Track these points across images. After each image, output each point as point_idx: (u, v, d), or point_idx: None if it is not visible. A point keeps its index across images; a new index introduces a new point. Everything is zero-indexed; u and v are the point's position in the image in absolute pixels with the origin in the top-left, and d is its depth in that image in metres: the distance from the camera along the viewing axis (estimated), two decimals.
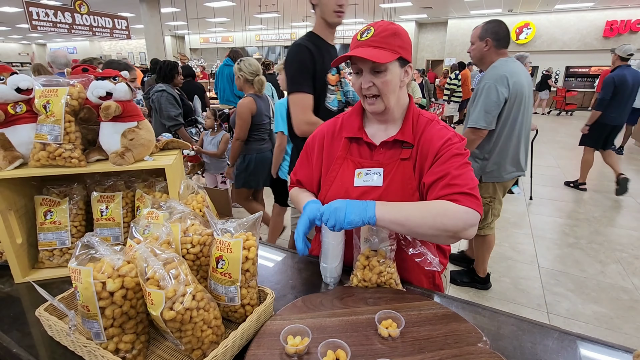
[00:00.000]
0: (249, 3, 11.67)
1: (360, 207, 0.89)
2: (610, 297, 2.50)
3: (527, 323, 0.87)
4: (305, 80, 1.61)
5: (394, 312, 0.82)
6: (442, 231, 0.89)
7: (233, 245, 0.79)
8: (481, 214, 0.93)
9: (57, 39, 21.37)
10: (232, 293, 0.81)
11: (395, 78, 0.99)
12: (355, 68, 1.01)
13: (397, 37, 0.97)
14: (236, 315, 0.84)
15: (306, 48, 1.61)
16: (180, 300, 0.67)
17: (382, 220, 0.89)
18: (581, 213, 3.97)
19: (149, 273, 0.66)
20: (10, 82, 0.97)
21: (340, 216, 0.88)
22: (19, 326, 0.88)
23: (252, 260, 0.82)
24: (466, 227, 0.90)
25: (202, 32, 19.39)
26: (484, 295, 2.54)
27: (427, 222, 0.89)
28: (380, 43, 0.95)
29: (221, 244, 0.80)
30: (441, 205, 0.91)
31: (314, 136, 1.20)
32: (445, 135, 1.01)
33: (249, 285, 0.83)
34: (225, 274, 0.80)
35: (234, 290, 0.80)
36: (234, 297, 0.81)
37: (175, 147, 1.23)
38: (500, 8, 12.77)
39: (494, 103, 2.07)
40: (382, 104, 1.01)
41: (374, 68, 0.97)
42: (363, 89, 1.00)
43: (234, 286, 0.80)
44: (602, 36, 12.51)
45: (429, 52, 16.22)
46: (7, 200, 1.01)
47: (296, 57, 1.62)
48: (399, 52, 0.96)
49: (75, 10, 7.96)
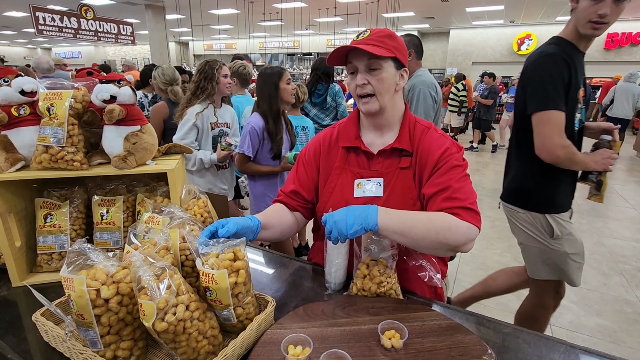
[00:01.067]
0: (253, 11, 11.80)
1: (361, 215, 0.87)
2: (614, 310, 2.47)
3: (533, 336, 0.86)
4: (560, 97, 1.40)
5: (397, 322, 0.80)
6: (443, 245, 0.89)
7: (217, 277, 0.73)
8: (479, 229, 0.93)
9: (62, 44, 21.58)
10: (226, 315, 0.78)
11: (390, 77, 0.99)
12: (350, 68, 1.01)
13: (393, 39, 0.99)
14: (235, 329, 0.82)
15: (563, 59, 1.39)
16: (172, 311, 0.65)
17: (385, 230, 0.88)
18: (583, 224, 3.94)
19: (141, 283, 0.65)
20: (14, 84, 0.97)
21: (342, 228, 0.86)
22: (14, 331, 0.87)
23: (243, 282, 0.76)
24: (466, 242, 0.91)
25: (206, 39, 19.59)
26: (486, 306, 2.51)
27: (431, 235, 0.88)
28: (376, 42, 0.96)
29: (205, 275, 0.73)
30: (445, 219, 0.90)
31: (309, 146, 1.18)
32: (444, 144, 1.01)
33: (243, 305, 0.79)
34: (216, 301, 0.76)
35: (227, 313, 0.77)
36: (229, 318, 0.78)
37: (178, 151, 1.23)
38: (502, 19, 12.89)
39: (430, 106, 2.36)
40: (377, 103, 1.00)
41: (369, 65, 0.98)
42: (358, 87, 1.00)
43: (227, 310, 0.77)
44: (603, 48, 12.59)
45: (431, 61, 16.33)
46: (7, 203, 1.00)
47: (552, 69, 1.40)
48: (394, 53, 0.98)
49: (81, 15, 8.04)
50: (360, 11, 11.48)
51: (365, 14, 11.82)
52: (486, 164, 6.74)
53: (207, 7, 11.35)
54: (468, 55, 14.76)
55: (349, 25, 13.92)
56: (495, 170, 6.21)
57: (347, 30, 15.24)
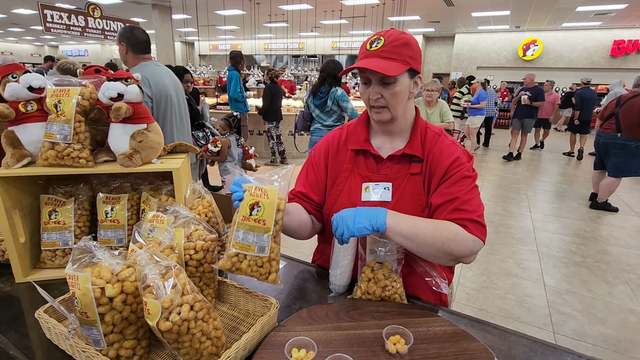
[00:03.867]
0: (259, 12, 11.84)
1: (370, 214, 0.88)
2: (618, 319, 2.44)
3: (540, 344, 0.84)
4: None
5: (402, 327, 0.79)
6: (447, 255, 0.90)
7: (269, 191, 0.81)
8: (484, 242, 0.93)
9: (70, 42, 21.73)
10: (264, 242, 0.81)
11: (404, 90, 0.97)
12: (363, 78, 0.99)
13: (408, 48, 0.94)
14: (262, 271, 0.83)
15: None
16: (177, 310, 0.64)
17: (392, 231, 0.88)
18: (588, 231, 3.91)
19: (146, 281, 0.65)
20: (22, 80, 0.97)
21: (349, 224, 0.86)
22: (17, 327, 0.86)
23: (282, 214, 0.84)
24: (470, 255, 0.92)
25: (211, 39, 19.65)
26: (488, 312, 2.49)
27: (436, 243, 0.88)
28: (390, 54, 0.93)
29: (257, 189, 0.81)
30: (451, 229, 0.90)
31: (318, 147, 1.17)
32: (454, 153, 1.00)
33: (275, 239, 0.84)
34: (260, 221, 0.80)
35: (266, 238, 0.81)
36: (265, 247, 0.81)
37: (183, 150, 1.23)
38: (508, 24, 12.86)
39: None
40: (389, 114, 0.99)
41: (383, 79, 0.95)
42: (371, 100, 0.98)
43: (267, 234, 0.81)
44: (609, 55, 12.53)
45: (436, 65, 16.31)
46: (12, 199, 1.00)
47: None
48: (409, 63, 0.94)
49: (89, 14, 8.10)
50: (365, 14, 11.48)
51: (370, 17, 11.82)
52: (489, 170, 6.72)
53: (214, 8, 11.40)
54: (473, 60, 14.73)
55: (354, 28, 13.94)
56: (498, 175, 6.18)
57: (353, 33, 15.24)
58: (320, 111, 3.68)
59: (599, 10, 10.12)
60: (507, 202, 4.76)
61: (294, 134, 3.89)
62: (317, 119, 3.72)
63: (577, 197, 5.03)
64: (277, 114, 6.04)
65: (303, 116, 3.80)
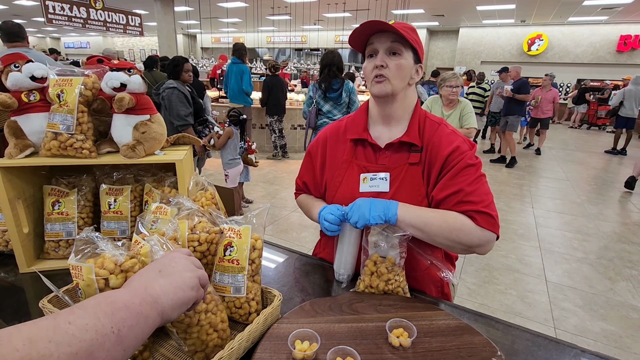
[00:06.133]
0: (262, 5, 11.74)
1: (384, 205, 0.91)
2: (620, 315, 2.44)
3: (543, 339, 0.84)
4: None
5: (406, 320, 0.79)
6: (457, 243, 0.91)
7: (242, 231, 0.82)
8: (497, 234, 0.92)
9: (71, 34, 21.64)
10: (239, 282, 0.80)
11: (408, 66, 0.98)
12: (370, 50, 1.00)
13: (415, 33, 0.99)
14: (240, 312, 0.82)
15: None
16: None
17: (403, 222, 0.90)
18: (590, 227, 3.90)
19: None
20: (25, 70, 0.97)
21: (365, 212, 0.89)
22: (21, 317, 0.87)
23: (258, 252, 0.83)
24: (481, 244, 0.92)
25: (214, 32, 19.54)
26: (489, 307, 2.49)
27: (444, 232, 0.90)
28: (401, 30, 0.94)
29: (230, 230, 0.82)
30: (458, 219, 0.91)
31: (317, 140, 1.17)
32: (454, 141, 0.98)
33: (254, 279, 0.83)
34: (233, 261, 0.80)
35: (241, 279, 0.80)
36: (240, 288, 0.80)
37: (187, 142, 1.22)
38: (513, 18, 12.72)
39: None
40: (390, 86, 0.98)
41: (391, 49, 0.96)
42: (375, 68, 0.97)
43: (241, 274, 0.80)
44: (615, 50, 12.39)
45: (440, 59, 16.18)
46: (16, 189, 1.00)
47: None
48: (415, 45, 0.97)
49: (91, 5, 8.06)
50: (369, 7, 11.38)
51: (374, 10, 11.72)
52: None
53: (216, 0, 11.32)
54: (477, 55, 14.60)
55: (357, 21, 13.81)
56: (501, 170, 6.15)
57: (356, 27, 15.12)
58: (332, 105, 3.65)
59: (605, 5, 9.99)
60: (510, 198, 4.75)
61: (306, 130, 3.85)
62: (327, 114, 3.70)
63: (581, 193, 5.01)
64: (279, 107, 5.99)
65: (315, 113, 3.75)
